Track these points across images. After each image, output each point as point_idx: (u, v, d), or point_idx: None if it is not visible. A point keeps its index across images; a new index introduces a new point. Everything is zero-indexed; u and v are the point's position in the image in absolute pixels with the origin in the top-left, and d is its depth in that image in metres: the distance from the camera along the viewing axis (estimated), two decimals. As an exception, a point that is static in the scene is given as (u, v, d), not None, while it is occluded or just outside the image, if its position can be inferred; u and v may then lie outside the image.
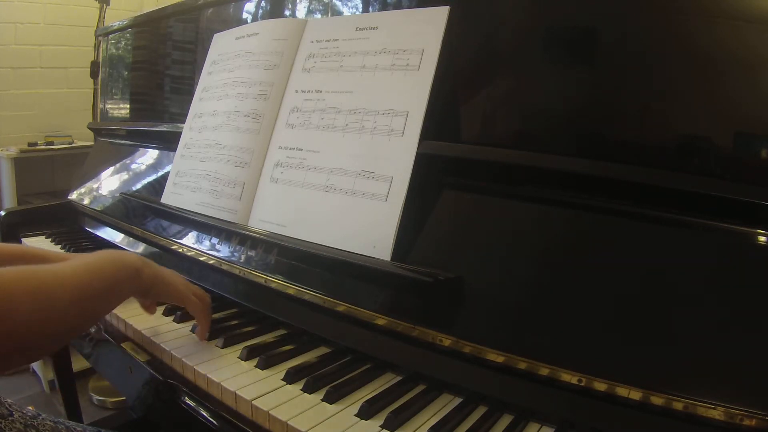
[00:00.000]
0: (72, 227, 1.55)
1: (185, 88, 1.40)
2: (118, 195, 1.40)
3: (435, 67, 0.81)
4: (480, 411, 0.66)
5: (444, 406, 0.67)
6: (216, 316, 0.93)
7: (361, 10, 1.02)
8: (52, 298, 0.60)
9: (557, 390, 0.61)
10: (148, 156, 1.45)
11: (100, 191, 1.53)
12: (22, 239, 1.45)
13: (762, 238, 0.58)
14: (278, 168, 0.97)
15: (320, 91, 0.95)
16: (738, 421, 0.51)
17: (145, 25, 1.59)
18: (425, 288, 0.72)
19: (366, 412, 0.64)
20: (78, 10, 2.44)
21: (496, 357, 0.65)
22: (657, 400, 0.55)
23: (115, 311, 0.95)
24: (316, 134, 0.93)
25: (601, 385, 0.58)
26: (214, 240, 1.02)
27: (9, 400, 0.80)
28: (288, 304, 0.86)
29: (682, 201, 0.62)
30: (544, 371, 0.62)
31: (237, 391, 0.69)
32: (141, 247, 1.22)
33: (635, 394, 0.56)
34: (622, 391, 0.57)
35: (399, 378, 0.73)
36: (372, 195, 0.82)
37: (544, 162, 0.72)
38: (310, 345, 0.83)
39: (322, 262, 0.84)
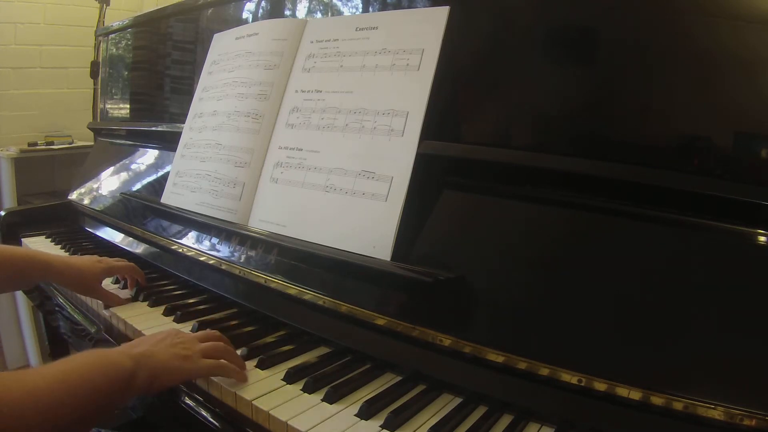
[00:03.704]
0: (72, 227, 1.55)
1: (185, 88, 1.40)
2: (118, 195, 1.40)
3: (435, 67, 0.81)
4: (480, 411, 0.66)
5: (444, 406, 0.67)
6: (216, 316, 0.93)
7: (361, 10, 1.02)
8: (18, 418, 0.50)
9: (557, 390, 0.61)
10: (148, 156, 1.45)
11: (100, 191, 1.52)
12: (22, 239, 1.45)
13: (762, 238, 0.58)
14: (278, 168, 0.96)
15: (320, 91, 0.95)
16: (738, 421, 0.51)
17: (145, 25, 1.59)
18: (425, 288, 0.72)
19: (366, 412, 0.64)
20: (78, 10, 2.44)
21: (496, 357, 0.65)
22: (657, 400, 0.55)
23: (115, 311, 0.95)
24: (316, 134, 0.93)
25: (601, 385, 0.58)
26: (214, 240, 1.02)
27: (9, 400, 0.80)
28: (288, 304, 0.86)
29: (682, 201, 0.62)
30: (544, 371, 0.62)
31: (237, 391, 0.69)
32: (141, 248, 1.22)
33: (635, 394, 0.56)
34: (622, 391, 0.57)
35: (399, 378, 0.73)
36: (372, 195, 0.82)
37: (544, 162, 0.72)
38: (310, 345, 0.83)
39: (322, 262, 0.84)
